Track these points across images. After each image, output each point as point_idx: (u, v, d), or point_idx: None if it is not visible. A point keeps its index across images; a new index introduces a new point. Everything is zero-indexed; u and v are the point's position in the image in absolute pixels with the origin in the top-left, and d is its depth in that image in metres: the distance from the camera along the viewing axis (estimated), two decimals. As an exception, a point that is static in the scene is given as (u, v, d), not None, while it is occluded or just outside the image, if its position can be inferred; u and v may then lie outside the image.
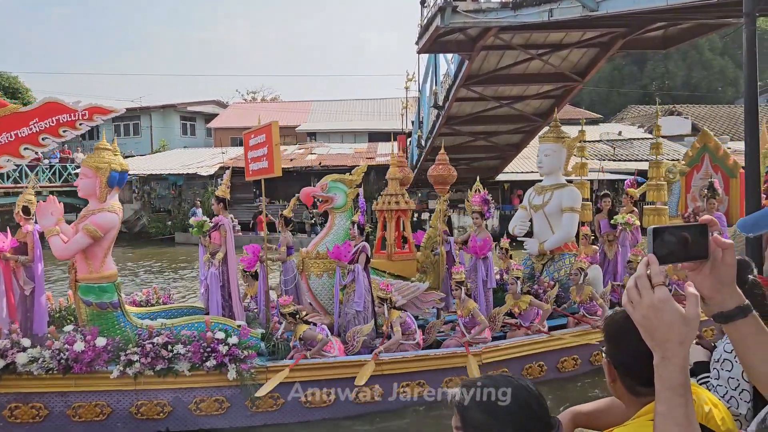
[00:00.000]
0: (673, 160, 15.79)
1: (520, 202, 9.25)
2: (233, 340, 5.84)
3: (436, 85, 14.40)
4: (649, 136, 26.43)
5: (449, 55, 12.70)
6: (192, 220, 7.05)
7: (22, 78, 29.67)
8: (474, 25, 9.40)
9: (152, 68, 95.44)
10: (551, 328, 7.38)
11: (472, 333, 6.73)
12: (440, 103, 13.87)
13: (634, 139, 25.84)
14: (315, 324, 6.40)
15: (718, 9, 9.17)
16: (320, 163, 24.46)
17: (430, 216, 25.98)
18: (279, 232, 8.10)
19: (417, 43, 11.03)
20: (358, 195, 7.97)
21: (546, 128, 9.81)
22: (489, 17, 9.10)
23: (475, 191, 8.17)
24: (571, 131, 9.09)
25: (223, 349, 5.75)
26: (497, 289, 8.29)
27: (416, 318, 7.41)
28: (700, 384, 2.28)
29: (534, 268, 8.82)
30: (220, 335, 5.84)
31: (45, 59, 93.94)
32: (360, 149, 27.60)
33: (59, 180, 25.85)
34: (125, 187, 25.37)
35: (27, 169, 24.95)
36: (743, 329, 1.29)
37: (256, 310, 7.62)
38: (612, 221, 9.18)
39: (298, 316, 6.22)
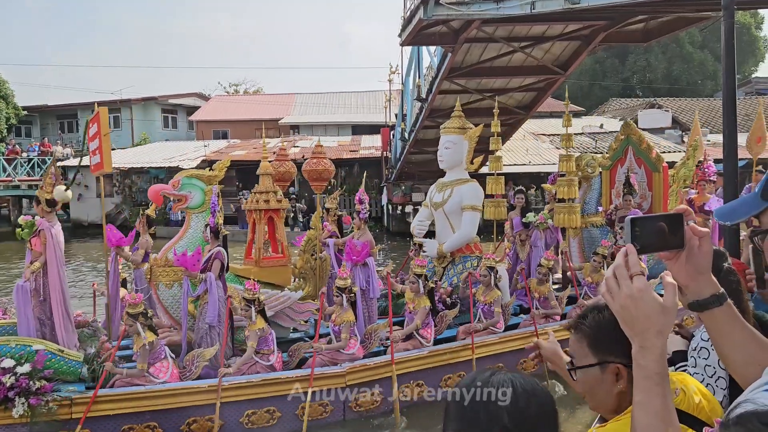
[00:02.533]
0: (597, 153, 15.55)
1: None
2: (24, 368, 4.86)
3: (419, 77, 14.39)
4: (631, 128, 26.69)
5: (432, 48, 12.70)
6: (21, 219, 5.84)
7: (-1, 70, 29.07)
8: (457, 17, 9.40)
9: (133, 60, 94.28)
10: (438, 341, 6.68)
11: (328, 347, 5.98)
12: (423, 95, 13.87)
13: (615, 131, 26.05)
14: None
15: (697, 2, 9.27)
16: (303, 156, 24.35)
17: (413, 209, 26.04)
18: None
19: (400, 35, 11.02)
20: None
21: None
22: (472, 10, 9.10)
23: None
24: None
25: (8, 380, 4.76)
26: (397, 296, 7.60)
27: (294, 330, 6.86)
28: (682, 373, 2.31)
29: (435, 272, 7.96)
30: (8, 363, 4.86)
31: (23, 51, 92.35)
32: (344, 142, 27.54)
33: (38, 174, 25.47)
34: (106, 181, 25.13)
35: (5, 162, 24.58)
36: (719, 317, 1.30)
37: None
38: (524, 219, 8.63)
39: (149, 317, 5.39)
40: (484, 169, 9.45)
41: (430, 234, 8.41)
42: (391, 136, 21.40)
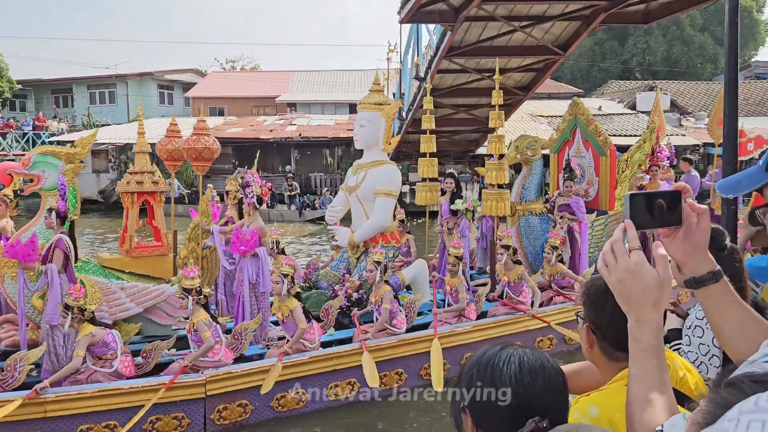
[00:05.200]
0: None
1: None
2: None
3: (418, 56, 14.27)
4: (630, 111, 26.61)
5: (431, 26, 12.58)
6: None
7: (-7, 42, 28.76)
8: (457, -6, 9.30)
9: (128, 35, 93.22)
10: (334, 342, 6.02)
11: (191, 356, 5.24)
12: (422, 74, 13.77)
13: (613, 114, 26.00)
14: None
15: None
16: (300, 135, 24.27)
17: (410, 189, 26.15)
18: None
19: (399, 12, 10.89)
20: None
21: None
22: (472, -13, 9.00)
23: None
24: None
25: None
26: (310, 287, 7.01)
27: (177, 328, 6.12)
28: (673, 350, 2.34)
29: (350, 264, 7.34)
30: None
31: (18, 24, 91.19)
32: (341, 121, 27.40)
33: (32, 148, 25.30)
34: (101, 157, 24.99)
35: (-1, 136, 24.41)
36: (714, 294, 1.31)
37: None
38: (452, 206, 7.95)
39: None
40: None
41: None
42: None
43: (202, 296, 5.40)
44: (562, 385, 1.26)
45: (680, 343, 2.39)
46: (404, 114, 16.76)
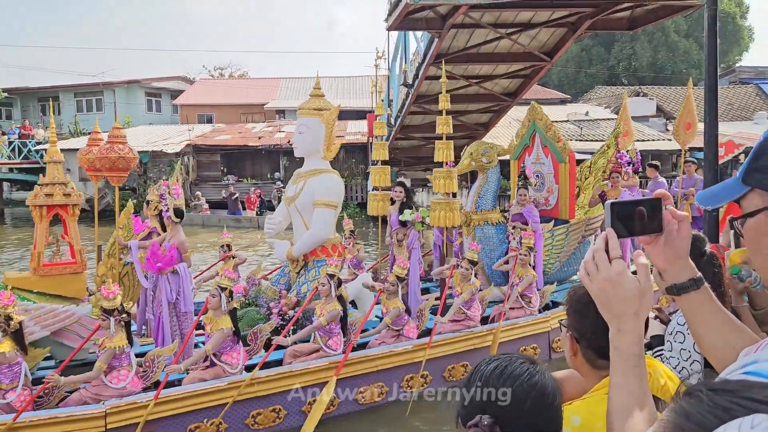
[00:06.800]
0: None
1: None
2: None
3: (405, 63, 14.31)
4: (616, 116, 26.82)
5: (419, 33, 12.62)
6: None
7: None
8: (444, 2, 9.33)
9: (115, 42, 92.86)
10: (272, 364, 5.42)
11: (74, 378, 4.68)
12: (410, 81, 13.80)
13: (600, 119, 26.17)
14: None
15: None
16: (289, 141, 24.26)
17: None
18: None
19: (386, 20, 10.92)
20: None
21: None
22: (459, -5, 9.03)
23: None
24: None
25: None
26: (248, 303, 6.42)
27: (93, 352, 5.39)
28: (655, 356, 2.35)
29: (291, 279, 6.88)
30: None
31: (3, 31, 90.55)
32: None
33: (19, 157, 25.08)
34: (88, 165, 24.83)
35: (-16, 145, 24.18)
36: (695, 301, 1.32)
37: None
38: (401, 217, 7.52)
39: None
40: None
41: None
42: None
43: (124, 315, 4.88)
44: (531, 401, 1.31)
45: (662, 350, 2.41)
46: (392, 120, 16.79)
